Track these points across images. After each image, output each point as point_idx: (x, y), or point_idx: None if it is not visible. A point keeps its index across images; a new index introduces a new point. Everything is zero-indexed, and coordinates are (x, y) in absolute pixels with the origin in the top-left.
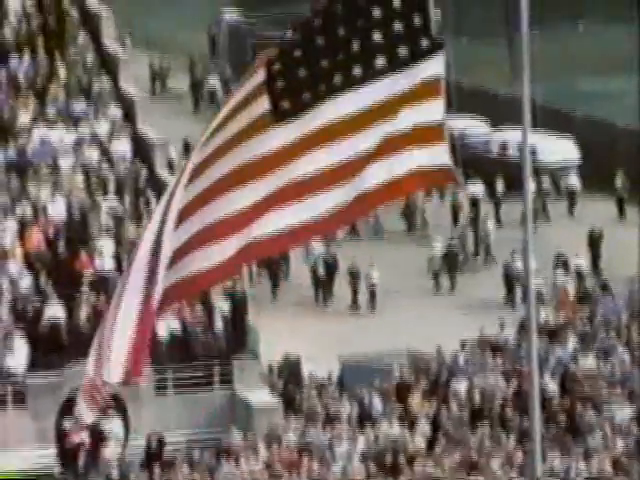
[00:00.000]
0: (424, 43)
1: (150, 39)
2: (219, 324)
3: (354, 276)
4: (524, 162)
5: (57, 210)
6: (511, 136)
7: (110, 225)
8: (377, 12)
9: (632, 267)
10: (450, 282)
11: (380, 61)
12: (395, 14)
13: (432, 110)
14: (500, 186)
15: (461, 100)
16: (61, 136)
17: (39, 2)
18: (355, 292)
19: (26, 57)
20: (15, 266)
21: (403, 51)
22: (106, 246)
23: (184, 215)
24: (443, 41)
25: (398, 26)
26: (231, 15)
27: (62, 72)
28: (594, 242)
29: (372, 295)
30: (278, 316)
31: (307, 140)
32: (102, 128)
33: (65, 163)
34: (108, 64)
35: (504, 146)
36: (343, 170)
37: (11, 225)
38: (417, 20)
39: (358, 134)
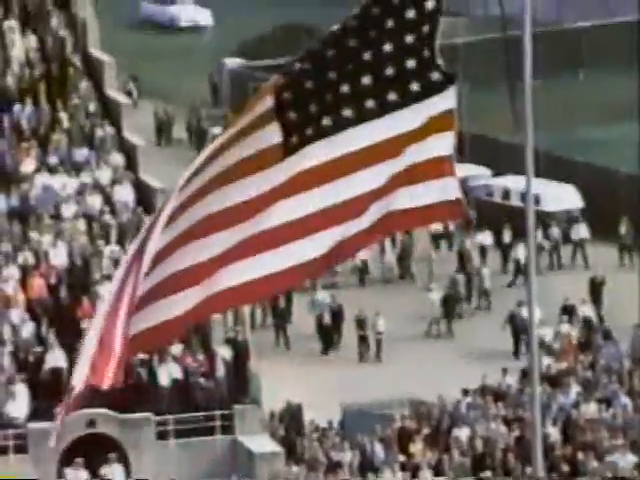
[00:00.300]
0: (435, 76)
1: (154, 88)
2: (221, 371)
3: (361, 324)
4: (527, 210)
5: (59, 257)
6: (513, 183)
7: (112, 272)
8: (388, 47)
9: (635, 314)
10: (448, 328)
11: (392, 96)
12: (407, 49)
13: (443, 144)
14: (507, 235)
15: (463, 147)
16: (63, 183)
17: (42, 50)
18: (362, 340)
19: (29, 105)
20: (17, 313)
21: (415, 86)
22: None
23: (157, 259)
24: (454, 73)
25: (411, 62)
26: (233, 62)
27: (64, 120)
28: (596, 289)
29: (378, 343)
30: (281, 363)
31: (301, 179)
32: (104, 175)
33: (67, 210)
34: (110, 112)
35: (506, 194)
36: (344, 209)
37: (13, 272)
38: (427, 53)
39: (364, 171)
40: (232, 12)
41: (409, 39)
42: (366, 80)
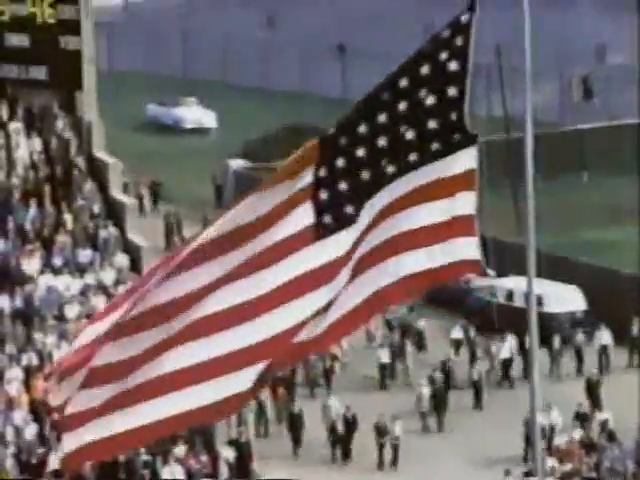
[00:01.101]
0: (457, 137)
1: (163, 192)
2: (224, 473)
3: (381, 431)
4: (530, 311)
5: None
6: (517, 284)
7: None
8: (413, 112)
9: None
10: (438, 422)
11: (413, 157)
12: (429, 111)
13: (464, 203)
14: (513, 341)
15: None
16: (67, 284)
17: (47, 152)
18: (381, 448)
19: (33, 207)
20: (20, 415)
21: (436, 145)
22: None
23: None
24: (476, 135)
25: (433, 124)
26: (237, 164)
27: (68, 221)
28: (592, 388)
29: (394, 449)
30: (290, 467)
31: (335, 265)
32: (108, 276)
33: (71, 311)
34: (115, 213)
35: (510, 295)
36: (362, 262)
37: (17, 374)
38: (453, 116)
39: (382, 225)
40: (236, 113)
41: (431, 101)
42: (390, 142)
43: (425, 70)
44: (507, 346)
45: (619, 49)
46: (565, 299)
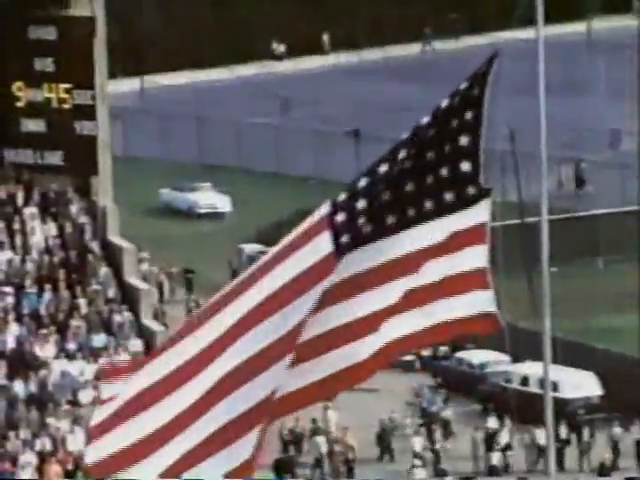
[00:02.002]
0: (471, 191)
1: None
2: None
3: None
4: (546, 397)
5: (76, 443)
6: (532, 370)
7: None
8: (430, 154)
9: None
10: None
11: (428, 204)
12: (445, 159)
13: (476, 256)
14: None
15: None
16: (81, 369)
17: (61, 237)
18: None
19: (47, 291)
20: None
21: (449, 196)
22: None
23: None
24: (490, 189)
25: (444, 171)
26: (251, 248)
27: (83, 306)
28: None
29: None
30: None
31: (344, 288)
32: (123, 361)
33: (85, 396)
34: (129, 297)
35: (525, 380)
36: (375, 318)
37: (30, 459)
38: (466, 167)
39: (397, 280)
40: (250, 198)
41: (447, 149)
42: (409, 187)
43: (442, 118)
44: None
45: (633, 135)
46: (580, 385)
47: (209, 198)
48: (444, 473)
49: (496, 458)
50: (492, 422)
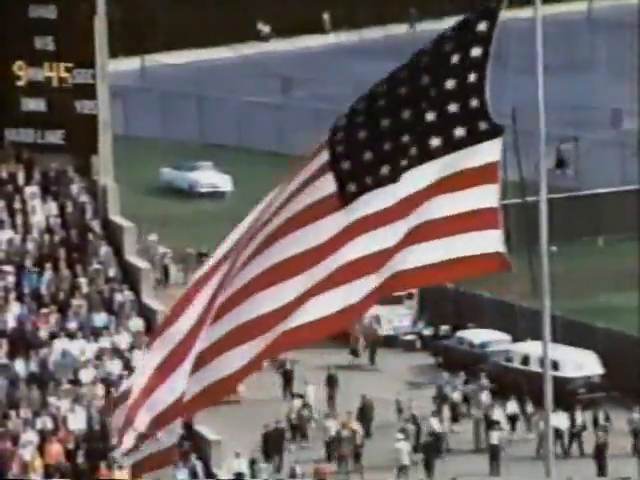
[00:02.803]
0: (482, 126)
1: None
2: None
3: None
4: (545, 376)
5: (77, 422)
6: (533, 349)
7: None
8: (434, 92)
9: None
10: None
11: (436, 141)
12: (451, 95)
13: (486, 195)
14: (529, 406)
15: (481, 313)
16: (82, 348)
17: (62, 216)
18: None
19: (48, 271)
20: (34, 479)
21: (460, 131)
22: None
23: (220, 313)
24: (503, 127)
25: (453, 107)
26: None
27: (84, 285)
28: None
29: None
30: None
31: (356, 227)
32: (123, 340)
33: (86, 375)
34: (130, 277)
35: (526, 359)
36: (384, 255)
37: (31, 438)
38: (474, 102)
39: (407, 217)
40: (251, 177)
41: (451, 84)
42: (416, 127)
43: (447, 52)
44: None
45: (634, 115)
46: (581, 364)
47: (210, 177)
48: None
49: (496, 437)
50: (511, 407)
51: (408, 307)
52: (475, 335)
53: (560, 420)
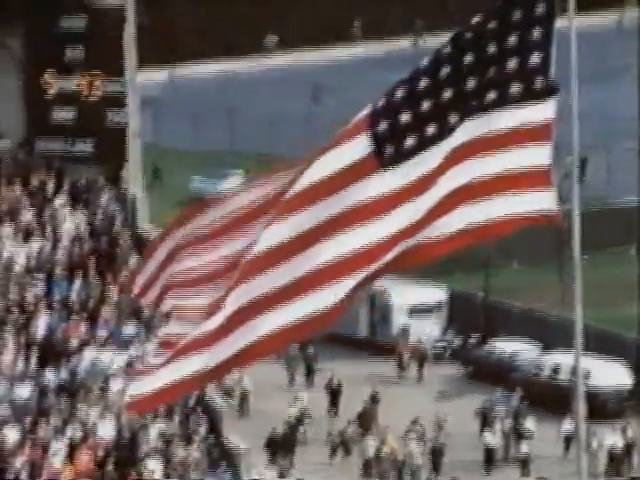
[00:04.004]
0: (539, 84)
1: None
2: None
3: None
4: (577, 386)
5: (106, 431)
6: (563, 359)
7: (159, 446)
8: (493, 48)
9: None
10: None
11: (492, 95)
12: (511, 51)
13: (541, 154)
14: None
15: (512, 323)
16: (112, 357)
17: (92, 226)
18: None
19: (78, 279)
20: None
21: (516, 88)
22: (155, 467)
23: (251, 271)
24: (558, 85)
25: (512, 63)
26: None
27: (114, 294)
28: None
29: None
30: None
31: (408, 190)
32: (153, 349)
33: (115, 385)
34: None
35: (556, 370)
36: (439, 208)
37: (61, 446)
38: (536, 58)
39: (456, 167)
40: None
41: (513, 40)
42: (469, 82)
43: (511, 12)
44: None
45: None
46: (611, 374)
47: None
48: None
49: (526, 447)
50: (566, 425)
51: (437, 317)
52: (505, 345)
53: (613, 437)
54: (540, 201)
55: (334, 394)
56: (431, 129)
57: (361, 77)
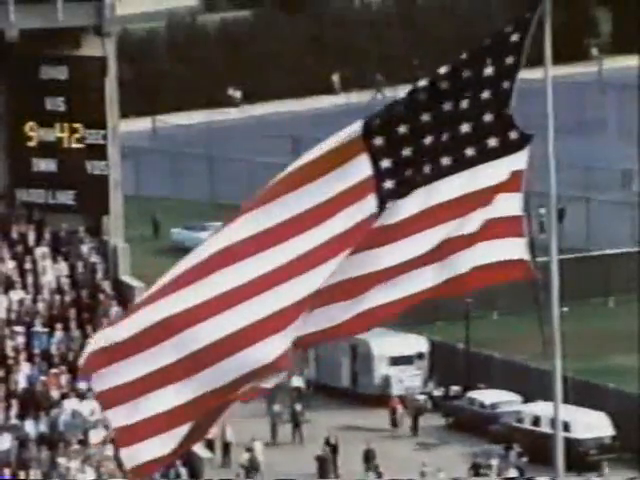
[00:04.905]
0: (513, 135)
1: None
2: None
3: None
4: (556, 436)
5: None
6: (543, 410)
7: None
8: (465, 103)
9: None
10: None
11: (470, 151)
12: (485, 104)
13: (511, 203)
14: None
15: (493, 373)
16: (92, 409)
17: (72, 277)
18: None
19: (59, 331)
20: None
21: (493, 142)
22: None
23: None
24: (532, 135)
25: (488, 117)
26: None
27: None
28: None
29: None
30: None
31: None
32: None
33: (95, 436)
34: None
35: (537, 420)
36: (410, 265)
37: None
38: (505, 111)
39: (435, 227)
40: None
41: (486, 95)
42: (445, 136)
43: (483, 61)
44: None
45: None
46: (592, 425)
47: None
48: None
49: None
50: None
51: (419, 367)
52: (486, 395)
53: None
54: (512, 250)
55: (332, 451)
56: (427, 169)
57: (341, 127)
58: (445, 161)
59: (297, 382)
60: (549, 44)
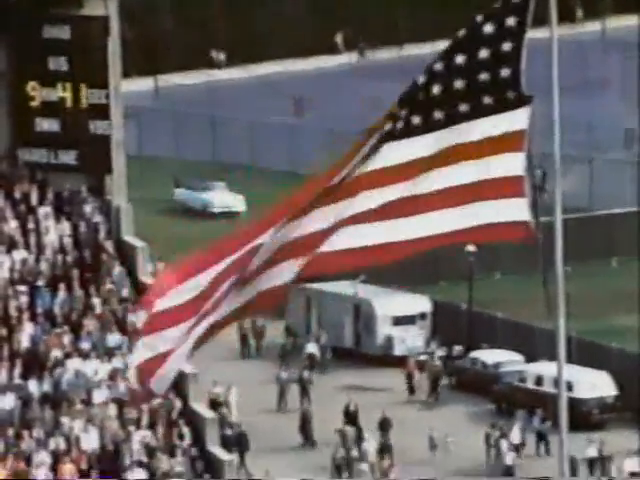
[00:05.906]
0: (510, 95)
1: None
2: None
3: None
4: (560, 396)
5: (90, 442)
6: (546, 370)
7: (142, 457)
8: (460, 59)
9: None
10: None
11: (463, 107)
12: (481, 63)
13: (513, 163)
14: (537, 420)
15: (496, 333)
16: (95, 369)
17: (75, 236)
18: None
19: (62, 291)
20: None
21: (487, 99)
22: (139, 477)
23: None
24: (532, 96)
25: (484, 76)
26: None
27: (97, 305)
28: None
29: None
30: None
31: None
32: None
33: (99, 396)
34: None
35: (539, 380)
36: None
37: (44, 458)
38: (506, 72)
39: (430, 173)
40: (265, 197)
41: (484, 54)
42: (436, 90)
43: (483, 26)
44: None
45: None
46: (595, 385)
47: (223, 197)
48: None
49: (510, 458)
50: (591, 451)
51: (421, 327)
52: (488, 355)
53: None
54: (513, 210)
55: (351, 420)
56: (417, 120)
57: (344, 88)
58: (438, 116)
59: (312, 348)
60: (554, 4)
